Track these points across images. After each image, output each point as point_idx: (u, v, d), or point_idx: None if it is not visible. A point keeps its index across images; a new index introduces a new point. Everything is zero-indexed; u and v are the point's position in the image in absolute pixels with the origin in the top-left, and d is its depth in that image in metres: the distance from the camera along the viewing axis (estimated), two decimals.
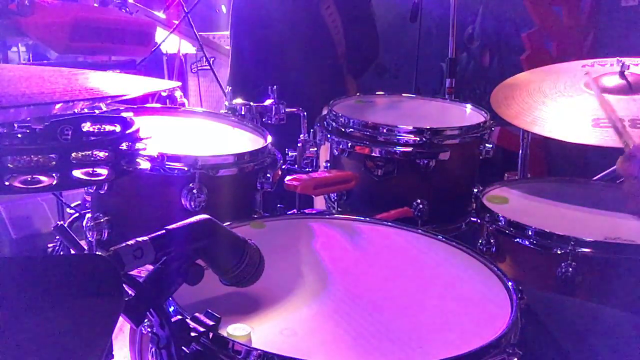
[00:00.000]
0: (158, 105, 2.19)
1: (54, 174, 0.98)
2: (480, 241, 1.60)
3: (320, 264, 1.25)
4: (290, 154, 1.89)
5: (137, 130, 1.14)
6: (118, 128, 1.14)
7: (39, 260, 0.81)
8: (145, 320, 0.92)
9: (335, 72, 2.70)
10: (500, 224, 1.55)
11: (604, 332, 1.15)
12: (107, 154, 1.05)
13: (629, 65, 1.71)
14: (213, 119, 1.92)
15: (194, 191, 1.47)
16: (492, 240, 1.57)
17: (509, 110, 1.77)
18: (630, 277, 1.37)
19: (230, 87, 1.95)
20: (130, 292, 0.86)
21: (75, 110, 1.14)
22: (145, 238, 0.90)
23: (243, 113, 1.88)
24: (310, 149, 1.89)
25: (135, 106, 1.90)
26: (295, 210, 1.60)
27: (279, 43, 2.60)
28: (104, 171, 1.03)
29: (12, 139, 0.99)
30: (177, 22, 3.22)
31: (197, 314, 0.94)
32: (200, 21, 3.33)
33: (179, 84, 2.25)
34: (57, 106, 0.97)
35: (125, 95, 1.05)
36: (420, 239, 1.39)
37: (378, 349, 0.96)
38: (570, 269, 1.40)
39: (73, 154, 1.00)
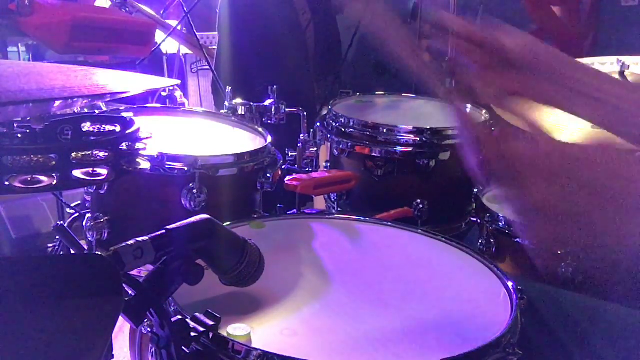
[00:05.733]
0: (158, 105, 2.19)
1: (54, 174, 0.98)
2: (480, 241, 1.59)
3: (320, 264, 1.24)
4: (290, 154, 1.89)
5: (137, 130, 1.14)
6: (118, 128, 1.14)
7: (39, 260, 0.81)
8: (145, 320, 0.92)
9: (306, 75, 2.80)
10: (500, 224, 1.55)
11: (605, 329, 1.15)
12: (107, 154, 1.04)
13: (629, 65, 1.71)
14: (213, 119, 1.92)
15: (194, 191, 1.47)
16: (492, 240, 1.57)
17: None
18: (631, 277, 1.37)
19: (230, 87, 1.95)
20: (130, 292, 0.86)
21: (75, 109, 1.14)
22: (145, 238, 0.90)
23: (243, 113, 1.88)
24: (310, 149, 1.89)
25: (135, 106, 1.90)
26: (295, 210, 1.60)
27: (278, 42, 2.61)
28: (104, 171, 1.03)
29: (12, 138, 0.99)
30: (176, 22, 3.21)
31: (197, 314, 0.94)
32: (199, 21, 3.33)
33: (178, 82, 2.25)
34: (57, 103, 0.96)
35: (125, 93, 1.05)
36: (420, 239, 1.39)
37: (378, 349, 0.96)
38: (571, 269, 1.39)
39: (73, 154, 1.00)
